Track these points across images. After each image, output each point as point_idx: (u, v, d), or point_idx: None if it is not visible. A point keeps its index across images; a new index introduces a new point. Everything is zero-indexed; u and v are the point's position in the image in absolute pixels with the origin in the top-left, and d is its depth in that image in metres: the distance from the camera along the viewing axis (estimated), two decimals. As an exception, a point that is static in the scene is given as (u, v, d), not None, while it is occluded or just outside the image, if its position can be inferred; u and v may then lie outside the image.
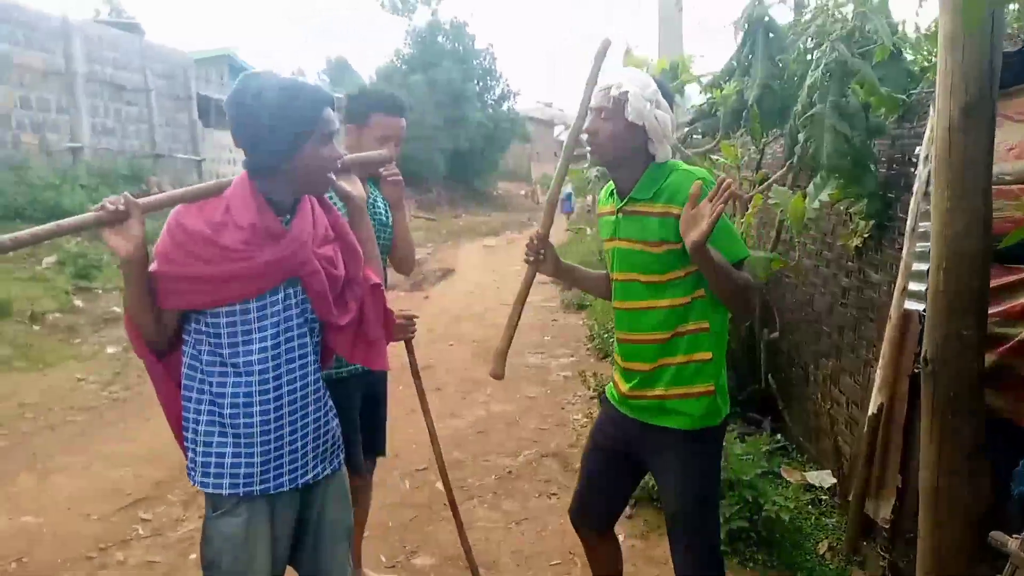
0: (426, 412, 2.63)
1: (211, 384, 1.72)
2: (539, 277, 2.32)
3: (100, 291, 8.63)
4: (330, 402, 1.94)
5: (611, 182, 2.23)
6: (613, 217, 2.17)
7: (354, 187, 2.00)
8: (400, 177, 2.55)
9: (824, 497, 3.57)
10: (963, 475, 2.20)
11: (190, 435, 1.76)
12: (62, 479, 4.03)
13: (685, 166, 2.10)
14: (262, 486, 1.75)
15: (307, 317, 1.80)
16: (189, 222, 1.65)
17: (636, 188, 2.09)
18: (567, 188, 13.79)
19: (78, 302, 8.03)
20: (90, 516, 3.60)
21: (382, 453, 2.82)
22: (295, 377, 1.77)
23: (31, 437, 4.67)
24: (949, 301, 2.14)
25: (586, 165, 6.29)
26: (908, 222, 2.92)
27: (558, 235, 17.86)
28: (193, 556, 3.21)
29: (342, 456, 1.98)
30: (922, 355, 2.19)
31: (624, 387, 2.17)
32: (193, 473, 1.77)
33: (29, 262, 8.73)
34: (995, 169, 2.38)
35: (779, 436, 4.23)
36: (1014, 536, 2.08)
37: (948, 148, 2.14)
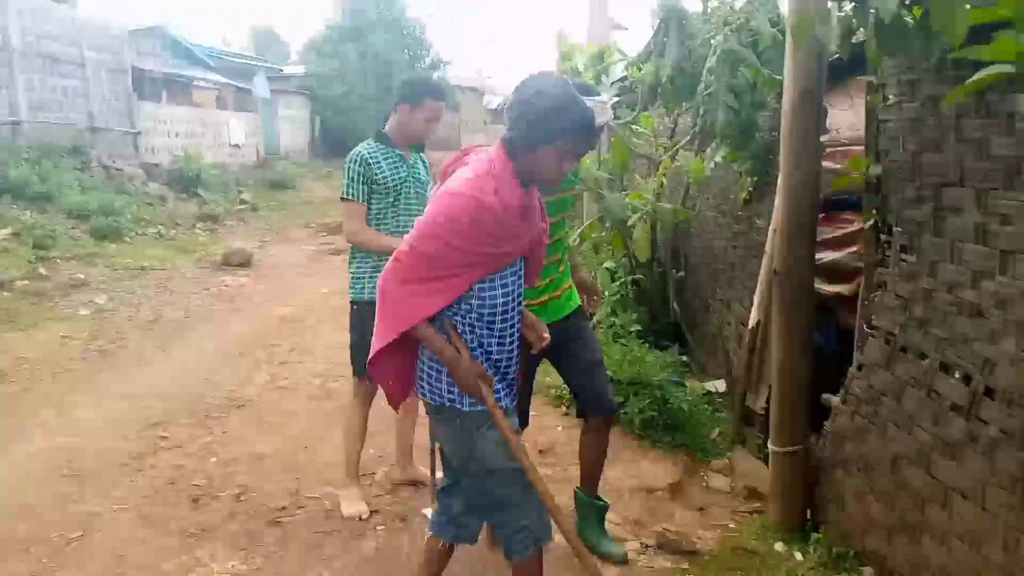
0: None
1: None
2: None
3: (59, 260, 8.96)
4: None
5: None
6: None
7: None
8: None
9: (719, 399, 4.50)
10: (801, 356, 3.10)
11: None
12: (80, 412, 4.62)
13: None
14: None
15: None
16: (503, 200, 1.91)
17: None
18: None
19: (42, 270, 8.37)
20: (115, 436, 4.23)
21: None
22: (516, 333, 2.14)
23: (38, 383, 5.19)
24: (790, 232, 3.01)
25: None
26: (780, 178, 3.79)
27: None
28: (214, 459, 3.91)
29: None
30: (772, 269, 3.08)
31: None
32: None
33: (-16, 234, 8.97)
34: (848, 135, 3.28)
35: (685, 358, 5.15)
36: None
37: (790, 124, 3.00)
